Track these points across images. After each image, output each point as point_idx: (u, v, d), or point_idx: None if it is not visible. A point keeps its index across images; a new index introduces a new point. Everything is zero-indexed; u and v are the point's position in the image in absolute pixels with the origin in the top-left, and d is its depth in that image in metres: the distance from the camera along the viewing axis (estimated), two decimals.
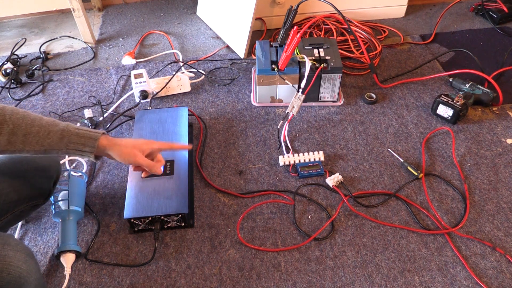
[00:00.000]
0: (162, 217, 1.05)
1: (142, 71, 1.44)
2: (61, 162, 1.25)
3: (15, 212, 0.95)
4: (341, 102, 1.45)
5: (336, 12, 1.42)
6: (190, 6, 2.02)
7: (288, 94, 1.41)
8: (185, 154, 1.16)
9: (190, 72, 1.55)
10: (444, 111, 1.35)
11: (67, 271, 0.99)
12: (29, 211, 1.01)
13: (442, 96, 1.35)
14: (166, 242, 1.08)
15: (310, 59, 1.31)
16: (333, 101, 1.44)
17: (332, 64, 1.34)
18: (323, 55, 1.37)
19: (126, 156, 0.89)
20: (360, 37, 1.64)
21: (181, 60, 1.66)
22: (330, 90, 1.41)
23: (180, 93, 1.50)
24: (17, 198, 0.93)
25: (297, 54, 1.35)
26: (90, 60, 1.71)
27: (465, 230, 1.08)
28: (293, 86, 1.36)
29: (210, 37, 1.81)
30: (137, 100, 1.44)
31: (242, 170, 1.24)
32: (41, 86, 1.58)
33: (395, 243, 1.06)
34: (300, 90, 1.30)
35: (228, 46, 1.73)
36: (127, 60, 1.66)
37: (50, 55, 1.74)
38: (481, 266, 1.01)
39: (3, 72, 1.61)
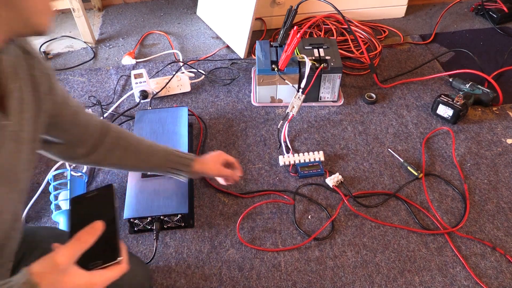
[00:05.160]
0: (162, 217, 1.05)
1: (142, 71, 1.44)
2: (60, 162, 1.25)
3: None
4: (341, 102, 1.45)
5: (336, 12, 1.42)
6: (190, 6, 2.02)
7: (288, 94, 1.41)
8: None
9: (190, 72, 1.55)
10: (444, 111, 1.35)
11: None
12: None
13: (442, 96, 1.35)
14: (166, 242, 1.08)
15: (310, 59, 1.31)
16: (333, 101, 1.44)
17: (332, 64, 1.34)
18: (323, 55, 1.37)
19: (215, 172, 1.03)
20: (360, 37, 1.64)
21: (181, 60, 1.66)
22: (330, 90, 1.41)
23: (180, 93, 1.50)
24: None
25: (297, 54, 1.35)
26: (90, 60, 1.71)
27: (465, 230, 1.08)
28: (293, 86, 1.36)
29: (210, 37, 1.81)
30: (137, 100, 1.44)
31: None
32: None
33: (395, 243, 1.06)
34: (300, 90, 1.30)
35: (228, 46, 1.73)
36: (127, 60, 1.66)
37: (50, 55, 1.74)
38: (481, 266, 1.01)
39: None
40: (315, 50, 1.39)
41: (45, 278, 0.50)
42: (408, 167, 1.22)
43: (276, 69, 1.34)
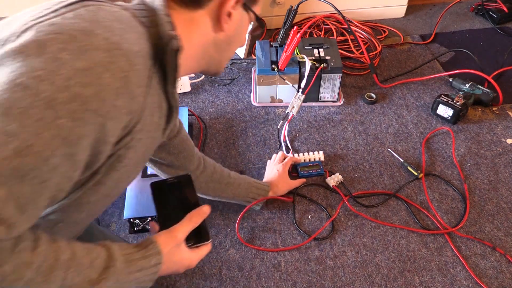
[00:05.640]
0: None
1: None
2: None
3: None
4: (341, 102, 1.45)
5: (336, 12, 1.43)
6: None
7: (288, 94, 1.41)
8: None
9: None
10: (444, 111, 1.35)
11: None
12: None
13: (442, 96, 1.35)
14: None
15: (310, 59, 1.31)
16: (333, 101, 1.44)
17: (332, 64, 1.34)
18: (323, 55, 1.37)
19: (286, 190, 1.14)
20: (360, 37, 1.65)
21: None
22: (330, 90, 1.41)
23: (180, 93, 1.50)
24: None
25: (297, 54, 1.35)
26: None
27: (465, 230, 1.08)
28: (293, 86, 1.36)
29: None
30: None
31: (242, 170, 1.24)
32: None
33: (395, 243, 1.06)
34: (300, 90, 1.30)
35: None
36: None
37: None
38: (481, 266, 1.01)
39: None
40: (315, 50, 1.39)
41: (166, 247, 0.63)
42: (408, 167, 1.22)
43: (276, 69, 1.34)
